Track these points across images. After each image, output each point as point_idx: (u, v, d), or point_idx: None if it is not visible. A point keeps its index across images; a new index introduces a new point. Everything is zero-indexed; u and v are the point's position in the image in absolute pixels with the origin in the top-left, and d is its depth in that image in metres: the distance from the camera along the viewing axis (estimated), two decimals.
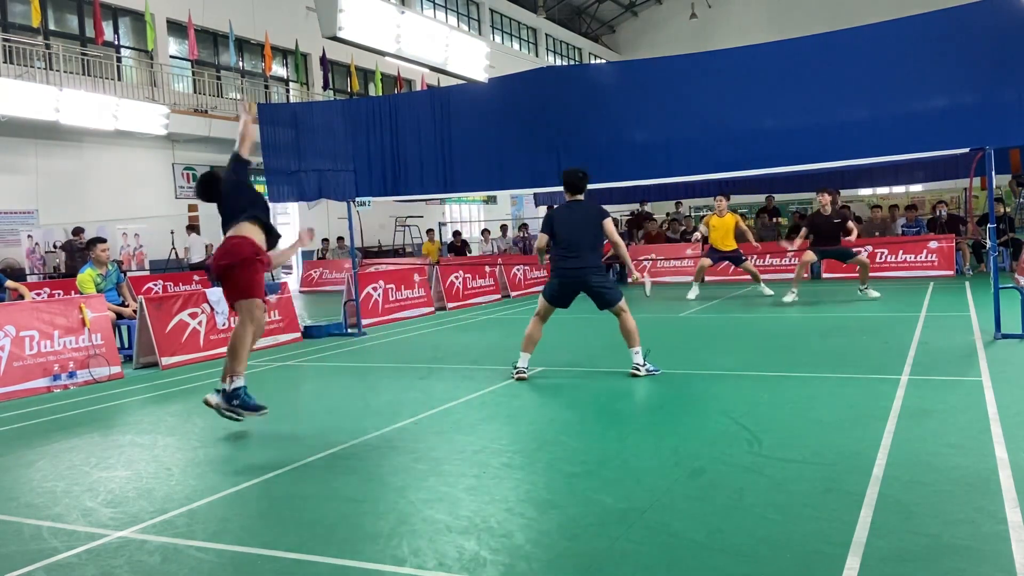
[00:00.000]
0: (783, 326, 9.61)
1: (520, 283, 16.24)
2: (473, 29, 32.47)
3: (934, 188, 23.32)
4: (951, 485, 3.58)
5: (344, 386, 7.13)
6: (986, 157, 7.48)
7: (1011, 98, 7.23)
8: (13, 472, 4.77)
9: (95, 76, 18.78)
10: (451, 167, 10.04)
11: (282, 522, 3.63)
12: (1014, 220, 16.40)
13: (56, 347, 7.73)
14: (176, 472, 4.60)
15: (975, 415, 4.74)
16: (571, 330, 10.50)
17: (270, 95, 23.98)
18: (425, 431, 5.18)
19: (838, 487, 3.64)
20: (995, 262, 7.77)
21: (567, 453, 4.48)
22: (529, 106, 9.66)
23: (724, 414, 5.13)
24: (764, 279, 13.58)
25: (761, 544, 3.06)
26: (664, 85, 9.02)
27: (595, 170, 9.62)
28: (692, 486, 3.80)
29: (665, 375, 6.69)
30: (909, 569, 2.78)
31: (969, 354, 6.73)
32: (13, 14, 17.97)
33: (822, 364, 6.86)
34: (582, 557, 3.04)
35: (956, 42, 7.54)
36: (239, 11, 22.16)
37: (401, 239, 25.56)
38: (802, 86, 8.22)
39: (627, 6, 40.86)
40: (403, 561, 3.09)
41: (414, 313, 12.62)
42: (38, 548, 3.45)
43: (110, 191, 18.79)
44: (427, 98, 10.95)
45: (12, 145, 17.05)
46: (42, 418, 6.37)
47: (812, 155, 8.36)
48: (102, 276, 9.33)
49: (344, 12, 8.94)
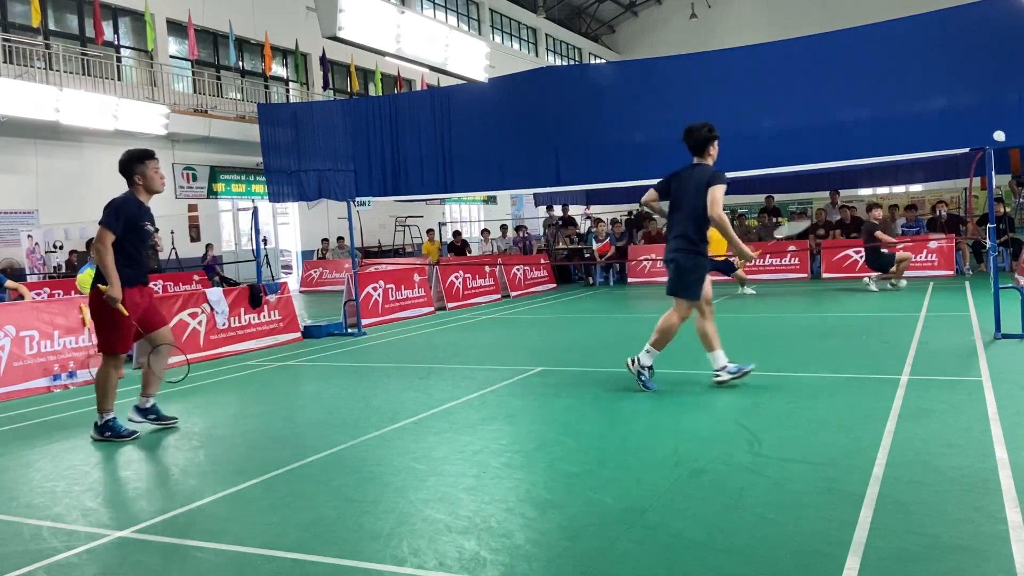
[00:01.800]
0: (783, 326, 9.61)
1: (520, 283, 16.23)
2: (473, 29, 32.48)
3: (934, 188, 23.33)
4: (951, 485, 3.58)
5: (344, 386, 7.13)
6: (986, 157, 7.48)
7: (1011, 98, 7.24)
8: (13, 472, 4.77)
9: (95, 76, 18.78)
10: (451, 167, 10.06)
11: (282, 522, 3.62)
12: (1014, 220, 16.41)
13: (56, 347, 7.73)
14: (176, 472, 4.60)
15: (975, 415, 4.74)
16: (571, 330, 10.51)
17: (270, 95, 23.98)
18: (425, 431, 5.17)
19: (838, 487, 3.64)
20: (995, 262, 7.77)
21: (567, 453, 4.48)
22: (529, 106, 9.68)
23: (724, 414, 5.13)
24: (764, 279, 13.58)
25: (761, 544, 3.06)
26: (664, 85, 9.04)
27: (595, 170, 9.67)
28: (692, 486, 3.79)
29: (665, 375, 6.69)
30: (909, 569, 2.78)
31: (969, 354, 6.73)
32: (13, 14, 17.97)
33: (822, 364, 6.86)
34: (582, 557, 3.04)
35: (956, 42, 7.55)
36: (239, 11, 22.17)
37: (401, 239, 25.56)
38: (802, 86, 8.24)
39: (627, 6, 40.87)
40: (403, 561, 3.09)
41: (414, 313, 12.62)
42: (38, 548, 3.45)
43: (110, 191, 18.53)
44: (427, 98, 10.97)
45: (12, 145, 17.06)
46: (42, 418, 6.37)
47: (812, 155, 8.38)
48: None
49: (344, 12, 8.93)
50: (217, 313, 9.25)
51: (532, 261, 17.78)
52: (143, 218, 5.51)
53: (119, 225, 5.35)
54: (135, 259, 5.53)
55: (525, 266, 16.82)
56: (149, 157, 5.58)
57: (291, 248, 24.68)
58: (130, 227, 5.41)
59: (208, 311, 9.18)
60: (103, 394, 5.43)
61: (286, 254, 24.44)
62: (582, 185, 12.30)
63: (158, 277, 16.30)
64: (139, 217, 5.48)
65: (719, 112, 8.60)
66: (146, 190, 5.56)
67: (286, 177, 10.45)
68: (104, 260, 5.32)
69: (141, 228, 5.50)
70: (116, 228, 5.35)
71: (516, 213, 31.19)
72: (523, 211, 31.02)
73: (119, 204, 5.43)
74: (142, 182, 5.53)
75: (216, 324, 9.24)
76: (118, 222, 5.34)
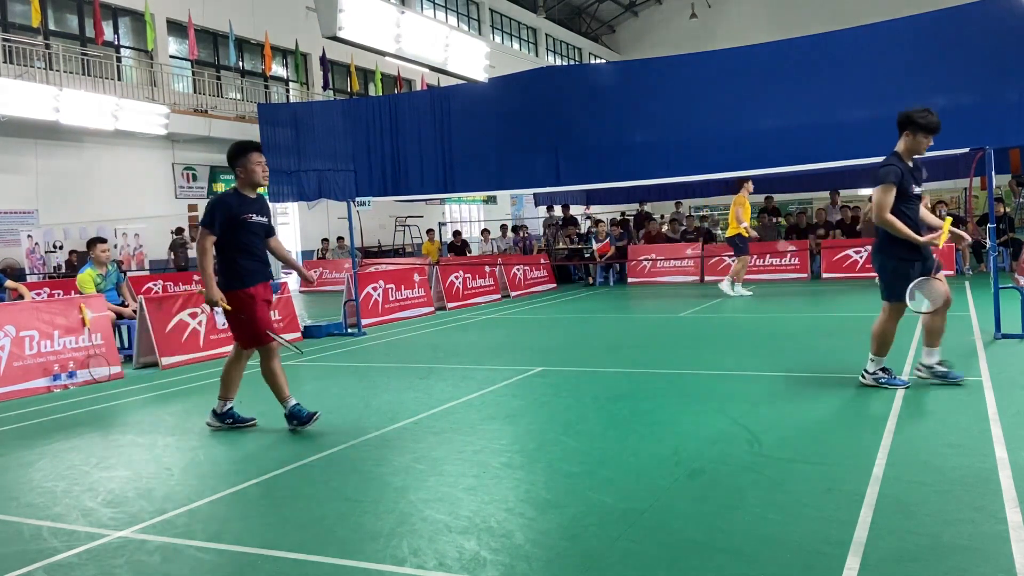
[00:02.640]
0: (783, 326, 9.60)
1: (520, 283, 16.23)
2: (473, 29, 32.48)
3: (934, 188, 23.31)
4: (951, 485, 3.58)
5: (344, 386, 7.13)
6: (986, 157, 7.48)
7: (1011, 98, 7.23)
8: (13, 472, 4.76)
9: (95, 76, 18.79)
10: (451, 167, 10.06)
11: (282, 522, 3.62)
12: (1014, 220, 16.41)
13: (56, 347, 7.73)
14: (176, 472, 4.60)
15: (975, 415, 4.74)
16: (571, 330, 10.51)
17: (270, 95, 23.98)
18: (425, 431, 5.17)
19: (838, 487, 3.64)
20: (995, 262, 7.76)
21: (567, 453, 4.48)
22: (529, 106, 9.67)
23: (724, 414, 5.13)
24: (764, 279, 13.57)
25: (761, 544, 3.06)
26: (664, 85, 9.03)
27: (595, 170, 9.67)
28: (692, 486, 3.79)
29: (665, 375, 6.69)
30: (909, 569, 2.78)
31: (969, 354, 6.73)
32: (13, 14, 17.97)
33: (822, 364, 6.86)
34: (582, 557, 3.04)
35: (956, 42, 7.54)
36: (239, 11, 22.18)
37: (401, 239, 25.57)
38: (802, 86, 8.23)
39: (627, 6, 40.88)
40: (403, 561, 3.09)
41: (414, 313, 12.62)
42: (38, 548, 3.45)
43: (110, 191, 18.80)
44: (427, 98, 10.96)
45: (12, 145, 17.06)
46: (42, 418, 6.36)
47: (812, 155, 8.37)
48: (102, 276, 9.33)
49: (344, 12, 8.94)
50: (217, 313, 9.23)
51: (532, 261, 17.78)
52: (245, 211, 5.32)
53: (216, 224, 5.22)
54: (252, 251, 5.39)
55: (525, 266, 16.82)
56: (253, 150, 5.41)
57: (291, 248, 24.70)
58: (232, 223, 5.25)
59: (208, 311, 9.17)
60: (228, 384, 5.59)
61: None
62: (582, 185, 12.31)
63: (158, 277, 16.32)
64: (239, 211, 5.29)
65: (719, 112, 8.61)
66: (247, 183, 5.38)
67: (286, 177, 10.44)
68: (200, 261, 5.28)
69: (245, 221, 5.31)
70: (213, 228, 5.23)
71: (516, 213, 31.19)
72: (523, 211, 31.02)
73: (213, 203, 5.33)
74: (243, 175, 5.35)
75: (216, 324, 9.23)
76: (213, 221, 5.21)
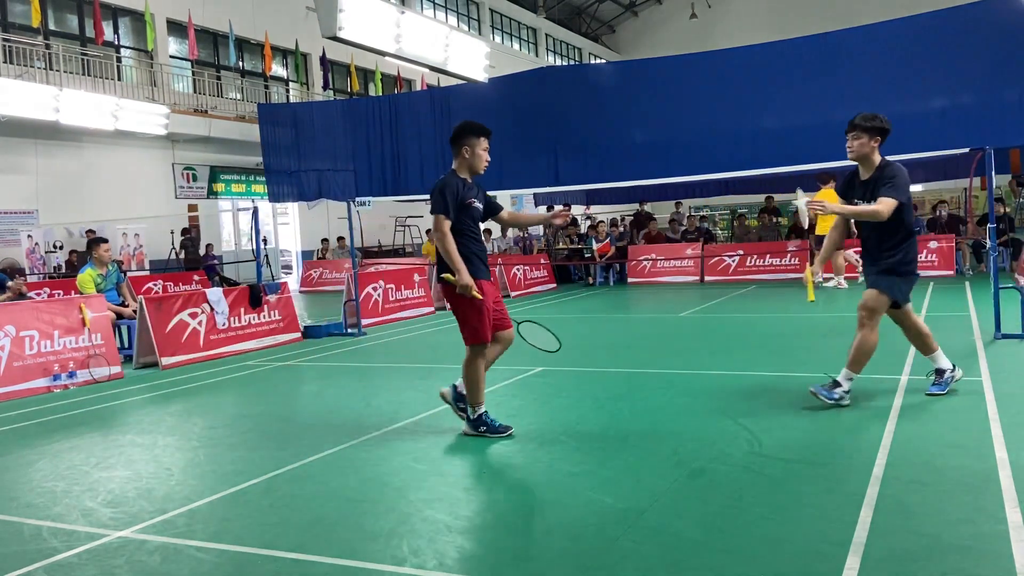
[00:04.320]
0: (783, 326, 9.60)
1: (520, 283, 16.23)
2: (473, 29, 32.47)
3: (934, 188, 23.33)
4: (951, 485, 3.58)
5: (344, 386, 7.13)
6: (986, 157, 7.48)
7: (1011, 98, 7.23)
8: (13, 472, 4.77)
9: (95, 76, 18.79)
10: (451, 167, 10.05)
11: (282, 522, 3.62)
12: (1014, 220, 16.42)
13: (56, 347, 7.73)
14: (176, 472, 4.60)
15: (975, 415, 4.74)
16: (571, 330, 10.50)
17: (270, 95, 23.98)
18: (425, 431, 5.18)
19: (838, 487, 3.64)
20: (995, 262, 7.77)
21: (567, 453, 4.48)
22: (529, 106, 9.66)
23: (724, 414, 5.13)
24: (764, 279, 13.56)
25: (761, 544, 3.06)
26: (664, 85, 9.02)
27: (595, 170, 9.66)
28: (692, 486, 3.80)
29: (665, 375, 6.69)
30: (909, 569, 2.78)
31: (969, 354, 6.73)
32: (13, 14, 17.97)
33: (822, 364, 6.85)
34: (582, 557, 3.04)
35: (956, 42, 7.54)
36: (239, 11, 22.17)
37: (401, 239, 25.56)
38: (802, 86, 8.22)
39: (627, 6, 40.87)
40: (403, 561, 3.09)
41: (414, 313, 12.62)
42: (38, 548, 3.45)
43: (110, 191, 18.79)
44: (427, 98, 10.95)
45: (12, 145, 17.06)
46: (42, 418, 6.37)
47: (812, 155, 8.36)
48: (102, 276, 9.33)
49: (344, 12, 8.94)
50: (217, 313, 9.25)
51: (532, 261, 17.78)
52: (468, 195, 4.89)
53: (451, 208, 4.77)
54: (477, 238, 4.98)
55: (525, 266, 16.83)
56: (484, 134, 4.99)
57: (291, 248, 24.69)
58: (461, 207, 4.83)
59: (208, 311, 9.18)
60: (474, 387, 5.00)
61: (286, 254, 24.45)
62: (581, 185, 12.30)
63: (159, 277, 16.32)
64: (465, 194, 4.87)
65: (719, 112, 8.60)
66: (467, 167, 4.94)
67: (286, 177, 10.45)
68: (446, 247, 4.76)
69: (469, 206, 4.88)
70: (449, 212, 4.76)
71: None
72: (522, 211, 31.01)
73: (442, 186, 4.83)
74: (468, 156, 4.91)
75: (216, 324, 9.24)
76: (447, 205, 4.75)
